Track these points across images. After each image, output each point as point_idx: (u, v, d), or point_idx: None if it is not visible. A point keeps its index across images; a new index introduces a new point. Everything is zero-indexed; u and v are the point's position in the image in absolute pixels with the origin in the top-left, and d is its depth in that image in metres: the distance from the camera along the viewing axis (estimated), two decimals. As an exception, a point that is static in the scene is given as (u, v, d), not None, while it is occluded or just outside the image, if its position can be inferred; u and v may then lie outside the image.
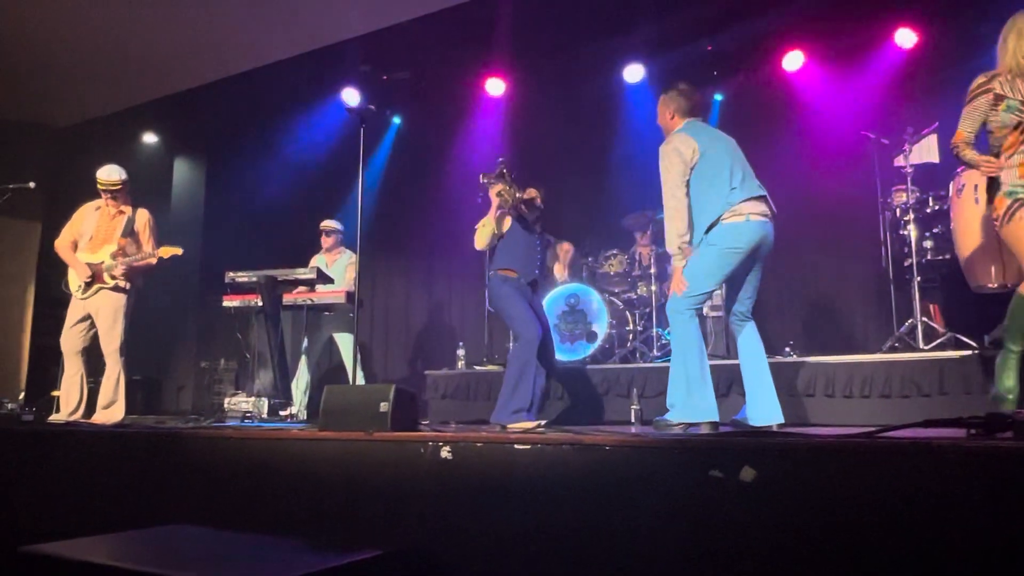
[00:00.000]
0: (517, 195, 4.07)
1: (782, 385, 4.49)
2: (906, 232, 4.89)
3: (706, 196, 3.30)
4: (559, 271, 6.24)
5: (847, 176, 5.84)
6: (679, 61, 6.60)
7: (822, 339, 5.85)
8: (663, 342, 5.62)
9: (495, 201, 4.05)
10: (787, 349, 5.06)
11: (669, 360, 3.35)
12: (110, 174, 4.82)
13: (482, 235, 4.06)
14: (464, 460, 2.45)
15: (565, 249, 6.28)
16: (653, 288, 5.79)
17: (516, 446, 2.37)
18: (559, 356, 5.62)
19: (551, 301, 5.75)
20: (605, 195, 6.92)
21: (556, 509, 2.24)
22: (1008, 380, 3.07)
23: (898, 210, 5.02)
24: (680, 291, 3.28)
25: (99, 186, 4.82)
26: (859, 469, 1.90)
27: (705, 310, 5.93)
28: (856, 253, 5.90)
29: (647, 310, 5.84)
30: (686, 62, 6.58)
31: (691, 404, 3.18)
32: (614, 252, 6.17)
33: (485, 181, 4.12)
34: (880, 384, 4.20)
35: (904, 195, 4.96)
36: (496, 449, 2.41)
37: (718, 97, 6.83)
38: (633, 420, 4.43)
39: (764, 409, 3.33)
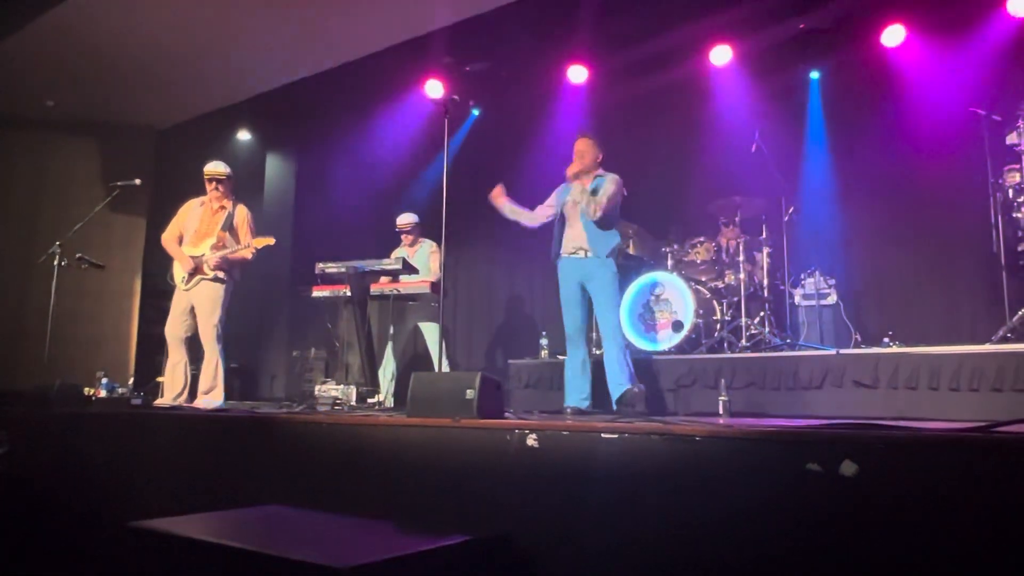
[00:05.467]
0: None
1: (883, 377, 4.27)
2: (1020, 215, 4.59)
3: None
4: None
5: (954, 156, 5.49)
6: (769, 42, 6.34)
7: (926, 329, 5.52)
8: (752, 332, 5.44)
9: None
10: (886, 339, 4.82)
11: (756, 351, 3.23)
12: (216, 166, 5.12)
13: None
14: (550, 448, 2.43)
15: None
16: (741, 276, 5.60)
17: (603, 435, 2.34)
18: (645, 346, 5.54)
19: (635, 290, 5.65)
20: (690, 181, 6.73)
21: (643, 500, 2.20)
22: None
23: (1011, 191, 4.70)
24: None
25: (206, 176, 5.08)
26: (973, 466, 1.77)
27: (797, 299, 5.73)
28: (963, 238, 5.55)
29: (735, 299, 5.66)
30: (776, 42, 6.32)
31: None
32: (700, 240, 6.00)
33: None
34: (991, 377, 3.93)
35: (1017, 175, 4.65)
36: (583, 438, 2.39)
37: (814, 76, 6.54)
38: (721, 412, 4.30)
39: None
